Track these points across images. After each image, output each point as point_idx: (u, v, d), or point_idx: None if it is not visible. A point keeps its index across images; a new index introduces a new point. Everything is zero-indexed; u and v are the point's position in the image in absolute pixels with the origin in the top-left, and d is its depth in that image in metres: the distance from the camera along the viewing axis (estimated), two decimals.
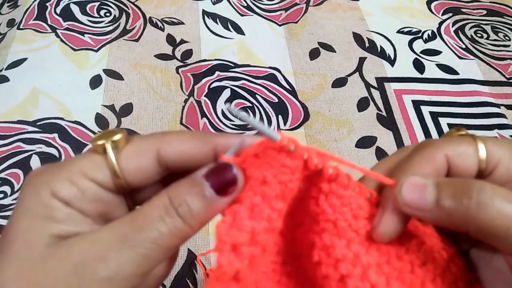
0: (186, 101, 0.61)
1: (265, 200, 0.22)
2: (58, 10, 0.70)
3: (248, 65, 0.66)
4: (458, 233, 0.23)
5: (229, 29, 0.71)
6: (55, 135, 0.55)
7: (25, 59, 0.62)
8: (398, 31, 0.73)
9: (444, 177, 0.23)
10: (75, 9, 0.70)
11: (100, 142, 0.22)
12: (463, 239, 0.25)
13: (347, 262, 0.22)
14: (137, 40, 0.67)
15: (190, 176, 0.22)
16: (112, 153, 0.22)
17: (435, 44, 0.71)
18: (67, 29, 0.67)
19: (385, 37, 0.72)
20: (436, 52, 0.70)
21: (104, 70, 0.63)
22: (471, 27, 0.75)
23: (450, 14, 0.77)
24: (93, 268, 0.19)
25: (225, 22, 0.72)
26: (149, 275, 0.22)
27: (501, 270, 0.22)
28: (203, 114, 0.59)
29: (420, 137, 0.60)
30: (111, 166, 0.22)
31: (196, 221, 0.21)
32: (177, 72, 0.64)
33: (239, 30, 0.71)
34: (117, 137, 0.22)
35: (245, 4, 0.75)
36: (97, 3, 0.72)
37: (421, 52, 0.70)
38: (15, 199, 0.50)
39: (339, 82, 0.65)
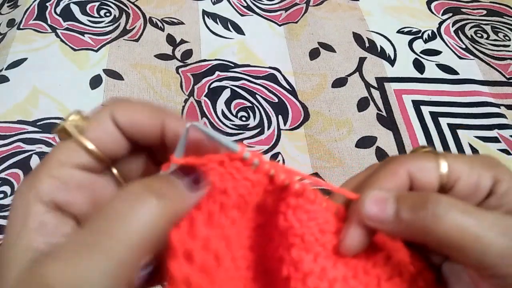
0: (186, 101, 0.61)
1: (222, 209, 0.22)
2: (58, 10, 0.70)
3: (248, 65, 0.66)
4: (429, 248, 0.24)
5: (229, 29, 0.71)
6: (55, 135, 0.55)
7: (25, 59, 0.62)
8: (398, 31, 0.73)
9: (405, 191, 0.24)
10: (75, 9, 0.70)
11: (60, 127, 0.22)
12: (435, 253, 0.25)
13: (314, 277, 0.22)
14: (137, 40, 0.67)
15: (158, 174, 0.22)
16: (74, 130, 0.22)
17: (435, 44, 0.71)
18: (67, 29, 0.67)
19: (385, 37, 0.72)
20: (436, 52, 0.70)
21: (104, 70, 0.63)
22: (471, 27, 0.75)
23: (450, 14, 0.77)
24: None
25: (225, 22, 0.72)
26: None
27: (470, 284, 0.23)
28: (203, 114, 0.59)
29: (420, 137, 0.60)
30: (79, 143, 0.22)
31: (173, 206, 0.20)
32: (177, 72, 0.64)
33: (239, 30, 0.71)
34: (72, 117, 0.22)
35: (245, 4, 0.75)
36: (97, 3, 0.72)
37: (421, 52, 0.70)
38: None
39: (339, 82, 0.65)
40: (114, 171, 0.24)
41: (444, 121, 0.62)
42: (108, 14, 0.70)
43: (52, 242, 0.20)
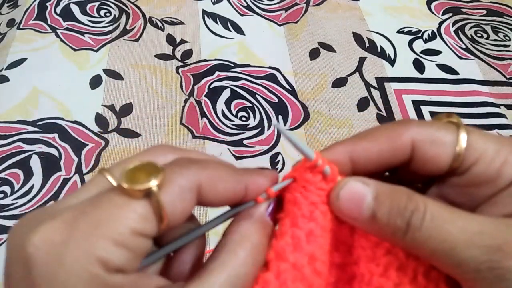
0: (186, 101, 0.61)
1: (311, 236, 0.22)
2: (58, 10, 0.70)
3: (248, 65, 0.66)
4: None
5: (229, 29, 0.71)
6: (55, 135, 0.55)
7: (25, 59, 0.62)
8: (398, 31, 0.73)
9: (386, 186, 0.21)
10: (75, 9, 0.70)
11: (140, 187, 0.18)
12: None
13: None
14: (137, 40, 0.67)
15: (255, 215, 0.22)
16: (159, 194, 0.18)
17: (435, 44, 0.71)
18: (67, 29, 0.67)
19: (385, 37, 0.72)
20: (436, 52, 0.70)
21: (104, 70, 0.63)
22: (471, 27, 0.75)
23: (450, 14, 0.77)
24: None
25: (225, 22, 0.72)
26: None
27: None
28: (203, 114, 0.59)
29: None
30: (158, 214, 0.18)
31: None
32: (177, 72, 0.64)
33: (239, 30, 0.71)
34: (157, 179, 0.18)
35: (245, 4, 0.75)
36: (97, 3, 0.72)
37: (421, 52, 0.70)
38: (15, 199, 0.50)
39: (339, 82, 0.65)
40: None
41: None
42: (108, 14, 0.70)
43: None
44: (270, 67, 0.66)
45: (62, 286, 0.16)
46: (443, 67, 0.68)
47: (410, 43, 0.71)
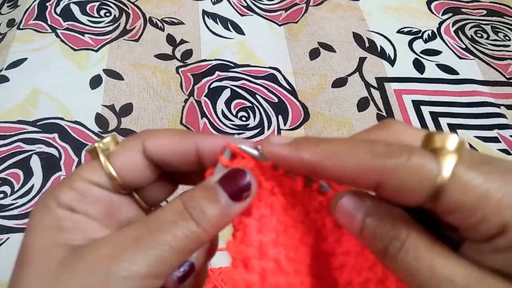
0: (186, 101, 0.61)
1: (273, 211, 0.22)
2: (58, 10, 0.70)
3: (248, 65, 0.66)
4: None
5: (229, 29, 0.71)
6: (55, 135, 0.55)
7: (25, 59, 0.62)
8: (398, 31, 0.73)
9: (380, 206, 0.20)
10: (75, 9, 0.70)
11: (91, 148, 0.24)
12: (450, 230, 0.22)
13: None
14: (137, 40, 0.67)
15: (204, 182, 0.22)
16: (101, 153, 0.23)
17: (435, 44, 0.71)
18: (67, 29, 0.67)
19: (385, 37, 0.72)
20: (436, 52, 0.70)
21: (104, 70, 0.63)
22: (471, 27, 0.75)
23: (450, 14, 0.77)
24: (107, 267, 0.20)
25: (225, 22, 0.72)
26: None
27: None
28: (203, 114, 0.59)
29: None
30: (104, 166, 0.23)
31: (210, 225, 0.21)
32: (177, 72, 0.64)
33: (239, 30, 0.71)
34: (106, 139, 0.24)
35: (245, 4, 0.75)
36: (97, 3, 0.72)
37: (421, 52, 0.70)
38: (15, 199, 0.50)
39: (339, 82, 0.65)
40: (135, 195, 0.25)
41: (444, 121, 0.62)
42: (108, 14, 0.70)
43: (79, 238, 0.22)
44: (270, 67, 0.66)
45: (32, 215, 0.22)
46: (443, 67, 0.68)
47: (410, 43, 0.71)
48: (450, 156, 0.18)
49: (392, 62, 0.68)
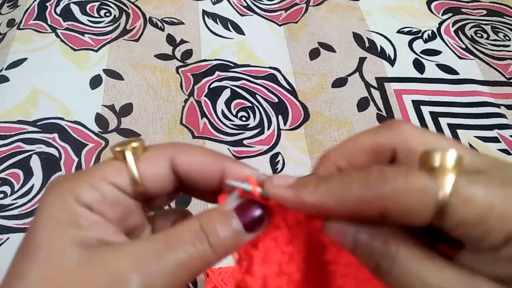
0: (186, 101, 0.61)
1: (277, 245, 0.23)
2: (58, 10, 0.70)
3: (248, 65, 0.66)
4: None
5: (229, 29, 0.71)
6: (55, 135, 0.55)
7: (25, 59, 0.62)
8: (398, 31, 0.73)
9: (367, 231, 0.20)
10: (75, 9, 0.70)
11: (119, 149, 0.23)
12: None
13: None
14: (137, 40, 0.67)
15: (221, 207, 0.23)
16: (131, 158, 0.23)
17: (435, 44, 0.71)
18: (67, 29, 0.67)
19: (385, 37, 0.72)
20: (436, 52, 0.70)
21: (104, 70, 0.63)
22: (471, 27, 0.75)
23: (450, 14, 0.77)
24: (128, 277, 0.20)
25: (225, 22, 0.72)
26: None
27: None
28: (203, 114, 0.59)
29: None
30: (130, 171, 0.23)
31: (222, 249, 0.22)
32: (177, 72, 0.64)
33: (239, 30, 0.71)
34: (135, 144, 0.24)
35: (245, 4, 0.75)
36: (97, 3, 0.72)
37: (421, 52, 0.70)
38: (15, 199, 0.50)
39: (339, 82, 0.65)
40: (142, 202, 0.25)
41: (444, 121, 0.62)
42: (108, 14, 0.70)
43: (93, 237, 0.22)
44: (270, 67, 0.66)
45: (45, 206, 0.22)
46: (443, 67, 0.68)
47: (410, 43, 0.71)
48: (449, 173, 0.18)
49: (392, 62, 0.68)
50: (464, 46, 0.71)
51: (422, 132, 0.22)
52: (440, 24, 0.75)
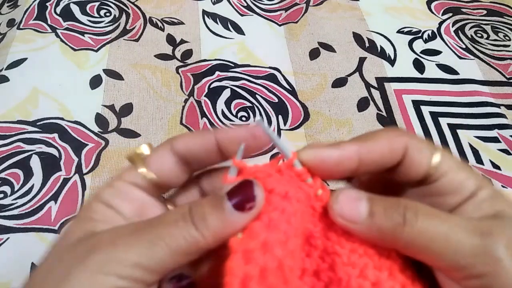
0: (186, 101, 0.61)
1: (284, 215, 0.22)
2: (58, 10, 0.70)
3: (248, 65, 0.66)
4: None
5: (229, 29, 0.71)
6: (55, 135, 0.55)
7: (25, 59, 0.62)
8: (398, 31, 0.73)
9: (377, 195, 0.24)
10: (75, 9, 0.70)
11: (129, 154, 0.26)
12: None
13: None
14: (137, 40, 0.67)
15: (214, 192, 0.24)
16: (138, 160, 0.26)
17: (435, 44, 0.71)
18: (67, 29, 0.67)
19: (385, 37, 0.72)
20: (436, 52, 0.70)
21: (104, 70, 0.63)
22: (471, 27, 0.75)
23: (450, 14, 0.77)
24: (105, 249, 0.21)
25: (225, 22, 0.72)
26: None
27: None
28: (203, 114, 0.59)
29: None
30: (140, 166, 0.25)
31: (209, 232, 0.21)
32: (177, 72, 0.64)
33: (239, 30, 0.71)
34: (143, 147, 0.26)
35: (245, 4, 0.75)
36: (97, 3, 0.72)
37: (421, 52, 0.70)
38: (15, 199, 0.50)
39: (339, 82, 0.65)
40: (164, 196, 0.27)
41: (444, 121, 0.62)
42: (108, 14, 0.70)
43: (103, 227, 0.23)
44: (270, 67, 0.66)
45: (82, 208, 0.25)
46: (443, 67, 0.68)
47: (410, 43, 0.71)
48: (441, 151, 0.24)
49: (392, 62, 0.68)
50: (464, 46, 0.71)
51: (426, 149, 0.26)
52: (440, 24, 0.75)
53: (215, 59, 0.66)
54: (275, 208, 0.22)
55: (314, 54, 0.68)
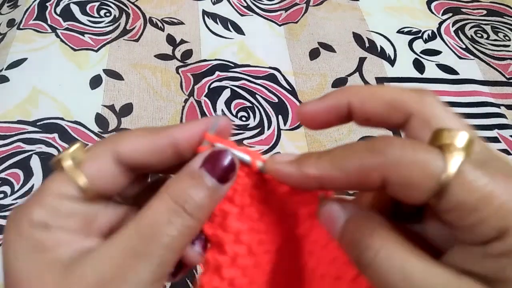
0: (186, 101, 0.61)
1: (253, 202, 0.23)
2: (58, 10, 0.70)
3: (248, 65, 0.66)
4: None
5: (229, 29, 0.71)
6: (55, 135, 0.55)
7: (25, 59, 0.62)
8: (398, 31, 0.73)
9: (360, 214, 0.20)
10: (75, 9, 0.70)
11: (56, 159, 0.22)
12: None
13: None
14: (137, 40, 0.67)
15: (186, 168, 0.21)
16: (67, 164, 0.21)
17: (435, 44, 0.71)
18: (67, 29, 0.67)
19: (385, 37, 0.72)
20: (436, 52, 0.70)
21: (104, 70, 0.63)
22: (471, 27, 0.75)
23: (450, 14, 0.77)
24: (113, 284, 0.19)
25: (225, 22, 0.72)
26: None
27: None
28: (203, 114, 0.59)
29: None
30: (71, 178, 0.21)
31: (203, 213, 0.21)
32: (177, 72, 0.64)
33: (239, 30, 0.71)
34: (73, 149, 0.22)
35: (245, 4, 0.75)
36: (97, 3, 0.72)
37: (421, 52, 0.70)
38: (15, 199, 0.50)
39: (339, 82, 0.65)
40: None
41: None
42: (108, 14, 0.70)
43: (65, 253, 0.21)
44: (270, 67, 0.66)
45: (8, 242, 0.21)
46: (443, 67, 0.68)
47: (410, 43, 0.71)
48: (458, 153, 0.17)
49: (392, 62, 0.68)
50: (464, 46, 0.71)
51: (445, 111, 0.21)
52: (440, 24, 0.75)
53: (215, 59, 0.66)
54: (246, 193, 0.23)
55: (314, 54, 0.68)
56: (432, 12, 0.77)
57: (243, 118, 0.59)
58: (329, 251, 0.22)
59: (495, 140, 0.60)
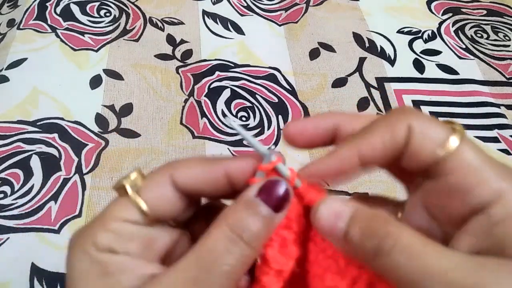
0: (186, 101, 0.61)
1: (300, 227, 0.23)
2: (58, 10, 0.70)
3: (248, 65, 0.66)
4: None
5: (229, 29, 0.71)
6: (55, 135, 0.55)
7: (25, 59, 0.62)
8: (398, 31, 0.73)
9: (366, 209, 0.21)
10: (75, 9, 0.70)
11: (118, 185, 0.23)
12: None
13: None
14: (137, 40, 0.67)
15: (242, 198, 0.22)
16: (131, 190, 0.23)
17: (435, 44, 0.71)
18: (67, 29, 0.67)
19: (385, 37, 0.72)
20: (436, 52, 0.70)
21: (104, 70, 0.63)
22: (471, 27, 0.75)
23: (450, 14, 0.77)
24: None
25: (225, 22, 0.72)
26: None
27: None
28: (203, 114, 0.59)
29: None
30: (134, 203, 0.23)
31: (259, 242, 0.21)
32: (177, 72, 0.64)
33: (239, 30, 0.71)
34: (133, 176, 0.23)
35: (245, 4, 0.75)
36: (97, 3, 0.72)
37: (421, 52, 0.70)
38: (15, 199, 0.50)
39: (339, 82, 0.65)
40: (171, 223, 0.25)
41: None
42: (108, 14, 0.70)
43: (127, 280, 0.22)
44: (270, 67, 0.66)
45: (73, 265, 0.22)
46: (443, 67, 0.68)
47: (410, 43, 0.71)
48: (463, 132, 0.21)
49: (392, 62, 0.68)
50: (464, 46, 0.71)
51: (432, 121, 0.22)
52: (440, 24, 0.75)
53: (215, 59, 0.66)
54: (299, 219, 0.23)
55: (314, 54, 0.68)
56: (432, 12, 0.77)
57: (243, 118, 0.59)
58: (336, 263, 0.23)
59: (495, 140, 0.60)
